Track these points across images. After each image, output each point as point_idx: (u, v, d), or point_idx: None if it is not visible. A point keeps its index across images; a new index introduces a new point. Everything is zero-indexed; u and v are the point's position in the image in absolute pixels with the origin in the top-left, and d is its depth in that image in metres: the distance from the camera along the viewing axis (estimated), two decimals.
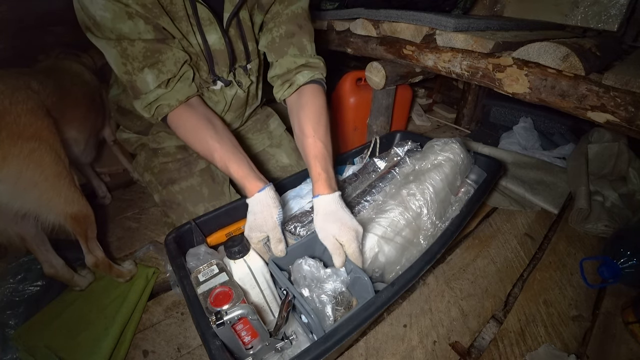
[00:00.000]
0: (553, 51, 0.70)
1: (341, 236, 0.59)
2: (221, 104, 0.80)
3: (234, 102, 0.82)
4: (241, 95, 0.82)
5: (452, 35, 0.86)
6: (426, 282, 0.88)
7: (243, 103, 0.85)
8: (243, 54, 0.77)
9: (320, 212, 0.61)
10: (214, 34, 0.69)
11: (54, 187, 0.70)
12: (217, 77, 0.75)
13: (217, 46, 0.71)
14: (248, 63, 0.79)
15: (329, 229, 0.59)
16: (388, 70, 1.07)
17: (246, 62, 0.79)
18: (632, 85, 0.62)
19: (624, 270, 0.84)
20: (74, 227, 0.75)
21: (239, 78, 0.79)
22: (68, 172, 0.73)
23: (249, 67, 0.80)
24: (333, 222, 0.59)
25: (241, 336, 0.51)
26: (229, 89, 0.78)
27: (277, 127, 1.06)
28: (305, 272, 0.59)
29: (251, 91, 0.86)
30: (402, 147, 0.93)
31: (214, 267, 0.55)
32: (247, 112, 0.92)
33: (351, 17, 1.15)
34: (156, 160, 0.89)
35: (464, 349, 0.73)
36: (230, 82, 0.77)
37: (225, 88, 0.78)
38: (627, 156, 1.17)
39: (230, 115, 0.86)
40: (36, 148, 0.66)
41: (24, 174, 0.65)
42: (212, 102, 0.79)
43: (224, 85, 0.77)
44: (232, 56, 0.74)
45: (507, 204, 1.15)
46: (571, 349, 0.72)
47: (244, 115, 0.92)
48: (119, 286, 0.82)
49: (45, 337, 0.72)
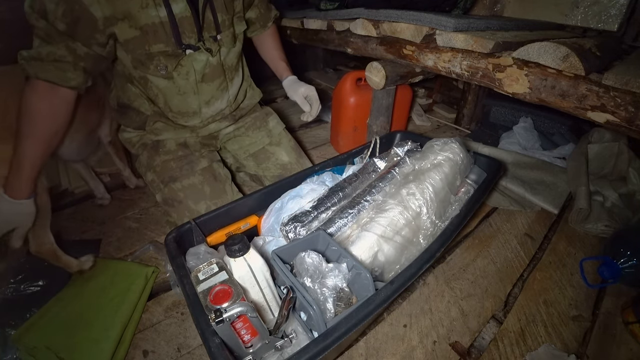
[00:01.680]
0: (553, 51, 0.70)
1: (306, 90, 0.99)
2: (192, 74, 0.82)
3: (208, 71, 0.84)
4: (214, 63, 0.84)
5: (452, 35, 0.86)
6: (426, 282, 0.88)
7: (220, 73, 0.88)
8: (212, 24, 0.81)
9: (290, 83, 1.02)
10: (180, 2, 0.72)
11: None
12: (184, 45, 0.77)
13: (183, 14, 0.74)
14: (218, 34, 0.83)
15: (298, 88, 0.99)
16: (388, 70, 1.07)
17: (216, 32, 0.82)
18: (632, 85, 0.62)
19: (624, 270, 0.84)
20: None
21: (209, 46, 0.82)
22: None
23: (219, 37, 0.83)
24: (300, 85, 1.00)
25: (241, 334, 0.51)
26: (198, 54, 0.80)
27: (276, 125, 1.07)
28: (308, 264, 0.59)
29: (227, 62, 0.89)
30: (402, 147, 0.93)
31: (214, 265, 0.55)
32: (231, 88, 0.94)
33: (351, 17, 1.15)
34: (158, 158, 0.89)
35: (464, 349, 0.73)
36: (198, 48, 0.79)
37: (194, 54, 0.80)
38: (627, 156, 1.17)
39: (211, 87, 0.87)
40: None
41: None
42: (182, 75, 0.81)
43: (192, 50, 0.79)
44: (198, 24, 0.77)
45: (507, 204, 1.15)
46: (571, 349, 0.72)
47: (228, 90, 0.93)
48: (117, 285, 0.82)
49: (45, 338, 0.72)
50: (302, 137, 1.59)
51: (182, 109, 0.88)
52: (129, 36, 0.72)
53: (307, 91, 1.00)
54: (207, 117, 0.93)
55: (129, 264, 0.91)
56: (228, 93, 0.93)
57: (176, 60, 0.78)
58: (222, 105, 0.93)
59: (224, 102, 0.93)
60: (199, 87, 0.85)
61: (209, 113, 0.92)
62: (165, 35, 0.74)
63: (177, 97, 0.85)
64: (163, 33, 0.73)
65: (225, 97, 0.93)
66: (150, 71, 0.79)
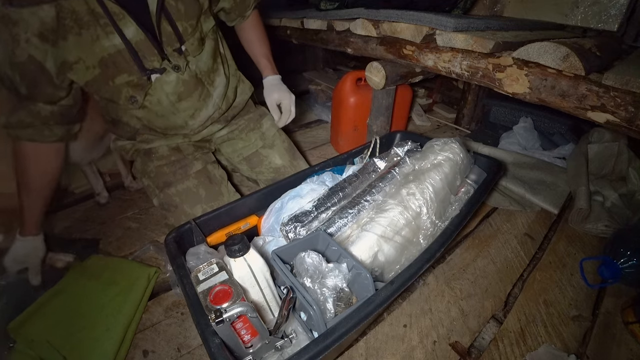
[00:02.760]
0: (553, 51, 0.70)
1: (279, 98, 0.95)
2: (164, 99, 0.78)
3: (182, 89, 0.79)
4: (186, 78, 0.78)
5: (452, 35, 0.86)
6: (426, 282, 0.88)
7: (196, 84, 0.81)
8: (173, 36, 0.73)
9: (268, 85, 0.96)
10: (130, 26, 0.67)
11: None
12: (148, 71, 0.72)
13: (137, 37, 0.68)
14: (182, 45, 0.76)
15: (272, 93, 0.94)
16: (388, 70, 1.07)
17: (179, 44, 0.75)
18: (632, 85, 0.62)
19: (624, 270, 0.84)
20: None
21: (176, 62, 0.76)
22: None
23: (184, 49, 0.76)
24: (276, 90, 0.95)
25: (241, 334, 0.51)
26: (166, 76, 0.75)
27: (269, 127, 1.05)
28: (308, 264, 0.59)
29: (201, 68, 0.82)
30: (402, 147, 0.93)
31: (214, 265, 0.56)
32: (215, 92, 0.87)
33: (351, 17, 1.15)
34: (151, 164, 0.89)
35: (464, 349, 0.73)
36: (164, 70, 0.74)
37: (161, 77, 0.75)
38: (627, 156, 1.17)
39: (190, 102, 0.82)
40: None
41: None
42: (154, 104, 0.78)
43: (159, 74, 0.74)
44: (157, 43, 0.71)
45: (507, 204, 1.15)
46: (571, 349, 0.72)
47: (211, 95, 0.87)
48: (119, 284, 0.82)
49: (45, 332, 0.71)
50: (301, 137, 1.59)
51: (169, 125, 0.86)
52: (89, 77, 0.68)
53: (280, 99, 0.97)
54: (196, 127, 0.90)
55: (131, 262, 0.91)
56: (212, 98, 0.88)
57: (144, 91, 0.75)
58: (209, 112, 0.89)
59: (209, 109, 0.89)
60: (177, 106, 0.81)
61: (197, 124, 0.89)
62: (126, 64, 0.69)
63: (158, 119, 0.83)
64: (123, 61, 0.69)
65: (210, 103, 0.88)
66: (121, 106, 0.77)
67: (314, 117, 1.80)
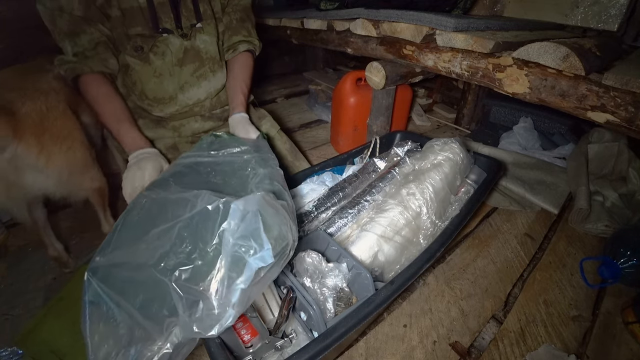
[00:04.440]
0: (553, 51, 0.70)
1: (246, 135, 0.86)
2: (168, 55, 0.85)
3: (182, 55, 0.86)
4: (188, 47, 0.86)
5: (452, 35, 0.86)
6: (426, 282, 0.88)
7: (195, 58, 0.89)
8: (192, 12, 0.85)
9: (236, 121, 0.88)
10: None
11: (84, 172, 0.84)
12: (161, 29, 0.82)
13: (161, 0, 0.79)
14: (199, 21, 0.86)
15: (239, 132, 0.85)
16: (388, 70, 1.07)
17: (196, 20, 0.86)
18: (632, 85, 0.62)
19: (624, 270, 0.84)
20: (96, 199, 0.90)
21: (185, 32, 0.85)
22: (93, 158, 0.86)
23: (198, 25, 0.87)
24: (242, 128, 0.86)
25: (241, 334, 0.52)
26: (173, 37, 0.84)
27: (270, 128, 1.06)
28: (308, 264, 0.59)
29: (208, 51, 0.90)
30: (402, 147, 0.93)
31: None
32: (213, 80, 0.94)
33: (351, 17, 1.15)
34: None
35: (464, 349, 0.73)
36: (172, 31, 0.84)
37: (169, 37, 0.84)
38: (627, 156, 1.17)
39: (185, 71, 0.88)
40: (71, 145, 0.79)
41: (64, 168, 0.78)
42: (158, 56, 0.84)
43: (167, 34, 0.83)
44: (175, 11, 0.82)
45: (507, 204, 1.15)
46: (571, 349, 0.72)
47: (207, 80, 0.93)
48: None
49: (49, 342, 0.72)
50: (302, 138, 1.59)
51: (158, 94, 0.88)
52: (113, 14, 0.78)
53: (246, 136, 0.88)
54: (183, 105, 0.92)
55: None
56: (208, 83, 0.93)
57: (152, 41, 0.82)
58: (200, 94, 0.93)
59: (201, 91, 0.92)
60: (174, 69, 0.87)
61: (184, 101, 0.91)
62: (143, 20, 0.79)
63: (153, 80, 0.87)
64: (141, 17, 0.79)
65: (204, 86, 0.93)
66: (127, 51, 0.82)
67: (314, 117, 1.80)
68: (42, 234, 0.88)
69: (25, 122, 0.72)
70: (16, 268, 0.94)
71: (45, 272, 0.93)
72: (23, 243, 1.03)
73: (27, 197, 0.79)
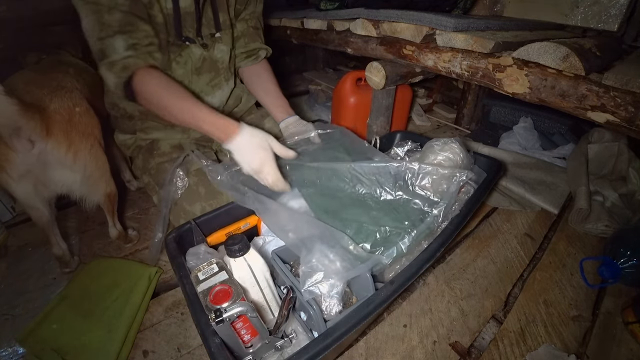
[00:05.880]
0: (553, 51, 0.70)
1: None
2: (188, 64, 0.84)
3: (203, 65, 0.86)
4: (207, 57, 0.86)
5: (452, 35, 0.86)
6: (426, 282, 0.88)
7: (212, 68, 0.88)
8: (212, 22, 0.83)
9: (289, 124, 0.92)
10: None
11: (103, 173, 0.85)
12: (184, 37, 0.80)
13: (188, 9, 0.77)
14: (218, 32, 0.85)
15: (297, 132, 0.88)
16: (388, 70, 1.07)
17: (215, 30, 0.85)
18: (632, 85, 0.62)
19: (624, 270, 0.84)
20: (107, 204, 0.90)
21: (206, 41, 0.84)
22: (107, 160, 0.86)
23: (217, 35, 0.85)
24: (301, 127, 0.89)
25: (241, 334, 0.52)
26: (195, 47, 0.83)
27: (272, 126, 1.06)
28: None
29: (223, 61, 0.90)
30: (402, 147, 0.93)
31: (214, 265, 0.55)
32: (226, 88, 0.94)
33: (351, 17, 1.15)
34: (152, 161, 0.89)
35: (464, 349, 0.73)
36: (194, 41, 0.82)
37: (191, 46, 0.82)
38: (627, 156, 1.17)
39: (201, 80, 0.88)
40: (93, 143, 0.80)
41: (89, 165, 0.80)
42: (180, 62, 0.83)
43: (190, 42, 0.82)
44: (199, 20, 0.80)
45: (507, 204, 1.15)
46: (571, 349, 0.72)
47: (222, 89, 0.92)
48: (120, 285, 0.82)
49: (51, 340, 0.72)
50: None
51: None
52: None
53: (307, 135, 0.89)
54: None
55: (132, 263, 0.91)
56: (222, 92, 0.93)
57: (179, 50, 0.81)
58: (215, 103, 0.92)
59: (215, 100, 0.92)
60: (192, 78, 0.86)
61: None
62: (165, 28, 0.77)
63: None
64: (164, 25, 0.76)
65: (218, 95, 0.92)
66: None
67: (314, 117, 1.80)
68: (49, 233, 0.87)
69: (54, 119, 0.72)
70: (16, 268, 0.95)
71: (45, 272, 0.93)
72: (23, 243, 1.03)
73: (52, 193, 0.80)
